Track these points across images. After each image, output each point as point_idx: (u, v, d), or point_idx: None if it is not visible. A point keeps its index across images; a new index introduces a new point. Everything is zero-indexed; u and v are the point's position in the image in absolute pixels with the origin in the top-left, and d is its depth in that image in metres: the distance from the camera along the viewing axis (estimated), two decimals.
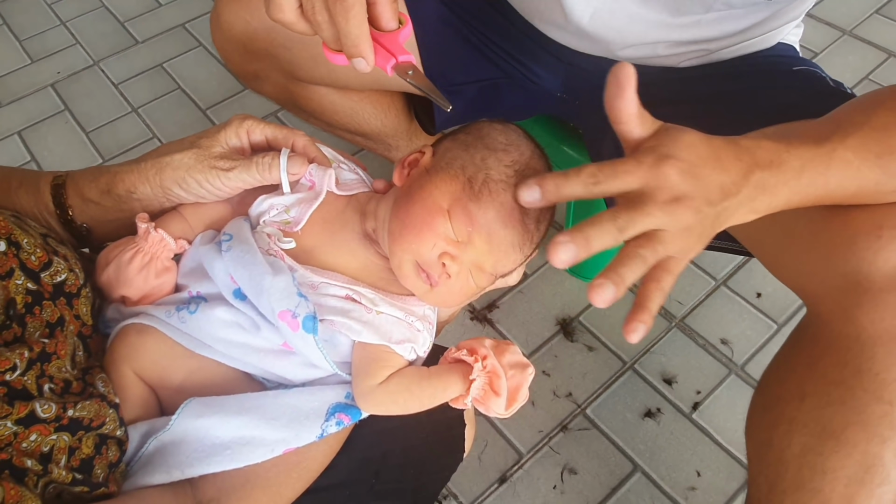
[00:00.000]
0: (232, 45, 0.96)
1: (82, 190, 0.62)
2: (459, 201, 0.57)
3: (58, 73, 1.75)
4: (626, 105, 0.49)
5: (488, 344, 0.58)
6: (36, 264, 0.53)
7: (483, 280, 0.60)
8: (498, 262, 0.58)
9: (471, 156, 0.59)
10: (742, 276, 1.32)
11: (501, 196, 0.57)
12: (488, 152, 0.59)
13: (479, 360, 0.57)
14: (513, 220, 0.57)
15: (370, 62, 0.53)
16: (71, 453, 0.48)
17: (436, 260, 0.57)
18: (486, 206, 0.56)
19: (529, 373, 0.57)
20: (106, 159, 1.56)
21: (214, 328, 0.57)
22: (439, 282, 0.57)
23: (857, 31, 1.74)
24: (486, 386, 0.57)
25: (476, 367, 0.56)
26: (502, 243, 0.57)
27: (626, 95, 0.49)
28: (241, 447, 0.53)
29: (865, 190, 0.56)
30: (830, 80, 0.82)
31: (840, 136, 0.55)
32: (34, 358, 0.48)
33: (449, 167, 0.59)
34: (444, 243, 0.57)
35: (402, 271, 0.59)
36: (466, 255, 0.57)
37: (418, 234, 0.57)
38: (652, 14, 0.81)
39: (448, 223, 0.57)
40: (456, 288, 0.59)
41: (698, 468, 1.10)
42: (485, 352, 0.57)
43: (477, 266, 0.58)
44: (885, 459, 0.59)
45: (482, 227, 0.56)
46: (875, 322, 0.57)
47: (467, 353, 0.58)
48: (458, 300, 0.61)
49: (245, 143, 0.63)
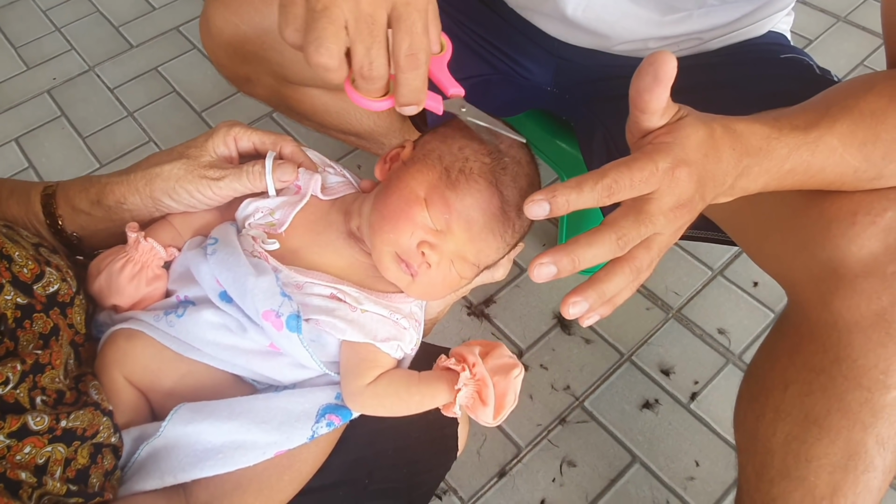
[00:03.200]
0: (222, 49, 0.96)
1: (72, 200, 0.62)
2: (436, 189, 0.57)
3: (53, 78, 1.76)
4: (656, 99, 0.46)
5: (477, 351, 0.58)
6: (28, 276, 0.54)
7: (466, 270, 0.59)
8: (480, 251, 0.58)
9: (448, 146, 0.59)
10: (738, 265, 1.33)
11: (478, 183, 0.57)
12: (466, 142, 0.59)
13: (465, 369, 0.56)
14: (491, 207, 0.57)
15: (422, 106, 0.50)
16: (66, 464, 0.48)
17: (415, 249, 0.57)
18: (463, 193, 0.56)
19: (514, 376, 0.56)
20: (103, 164, 1.57)
21: (202, 331, 0.57)
22: (419, 271, 0.58)
23: (851, 18, 1.73)
24: (475, 394, 0.56)
25: (462, 376, 0.56)
26: (482, 231, 0.57)
27: (659, 90, 0.45)
28: (232, 451, 0.53)
29: (844, 177, 0.57)
30: (817, 67, 0.82)
31: (829, 121, 0.55)
32: (27, 370, 0.49)
33: (426, 158, 0.59)
34: (423, 232, 0.57)
35: (383, 263, 0.59)
36: (446, 245, 0.57)
37: (396, 223, 0.57)
38: (643, 11, 0.81)
39: (425, 212, 0.57)
40: (438, 279, 0.59)
41: (697, 458, 1.11)
42: (473, 359, 0.57)
43: (459, 255, 0.58)
44: (867, 446, 0.59)
45: (460, 215, 0.56)
46: (851, 308, 0.57)
47: (455, 361, 0.58)
48: (442, 292, 0.62)
49: (233, 151, 0.64)
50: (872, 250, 0.56)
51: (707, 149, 0.48)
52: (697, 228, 0.85)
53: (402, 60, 0.46)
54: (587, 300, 0.47)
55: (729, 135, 0.51)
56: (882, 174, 0.56)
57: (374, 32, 0.45)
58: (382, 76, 0.47)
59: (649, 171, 0.46)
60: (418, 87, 0.47)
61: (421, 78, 0.47)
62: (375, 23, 0.45)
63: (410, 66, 0.46)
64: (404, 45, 0.46)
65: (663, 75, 0.44)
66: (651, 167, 0.46)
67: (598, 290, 0.47)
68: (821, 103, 0.58)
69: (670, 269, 1.33)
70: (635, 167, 0.46)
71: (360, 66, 0.46)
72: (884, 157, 0.56)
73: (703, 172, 0.48)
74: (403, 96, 0.48)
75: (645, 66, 0.45)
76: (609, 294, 0.47)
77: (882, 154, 0.55)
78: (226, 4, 0.91)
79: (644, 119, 0.48)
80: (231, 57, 0.96)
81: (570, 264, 0.46)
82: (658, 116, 0.48)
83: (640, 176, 0.45)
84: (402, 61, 0.46)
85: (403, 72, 0.47)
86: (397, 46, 0.46)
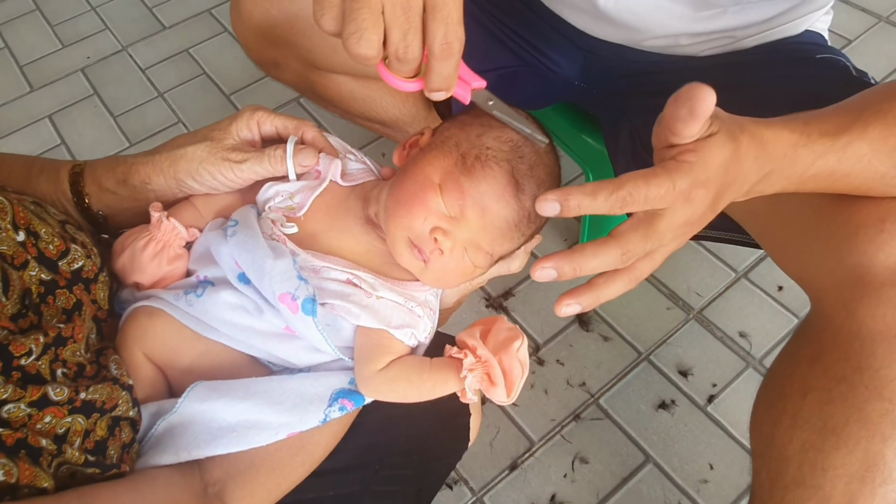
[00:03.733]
0: (251, 32, 0.97)
1: (99, 179, 0.63)
2: (451, 175, 0.57)
3: (88, 57, 1.79)
4: (689, 129, 0.45)
5: (478, 333, 0.57)
6: (54, 253, 0.55)
7: (480, 259, 0.59)
8: (494, 239, 0.58)
9: (466, 134, 0.59)
10: (763, 268, 1.30)
11: (494, 170, 0.56)
12: (483, 129, 0.58)
13: (468, 355, 0.56)
14: (506, 195, 0.56)
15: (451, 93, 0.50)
16: (86, 435, 0.50)
17: (427, 235, 0.57)
18: (478, 179, 0.56)
19: (516, 349, 0.55)
20: (133, 143, 1.60)
21: (220, 311, 0.58)
22: (431, 258, 0.57)
23: (893, 18, 1.68)
24: (484, 377, 0.56)
25: (466, 362, 0.56)
26: (496, 219, 0.57)
27: (693, 123, 0.44)
28: (246, 430, 0.54)
29: (871, 182, 0.56)
30: (854, 69, 0.80)
31: (861, 126, 0.54)
32: (49, 342, 0.50)
33: (443, 144, 0.59)
34: (436, 218, 0.57)
35: (397, 248, 0.59)
36: (460, 232, 0.57)
37: (410, 208, 0.57)
38: (676, 6, 0.80)
39: (439, 198, 0.57)
40: (451, 266, 0.58)
41: (711, 461, 1.10)
42: (473, 343, 0.56)
43: (472, 243, 0.58)
44: (886, 458, 0.58)
45: (474, 201, 0.56)
46: (876, 318, 0.56)
47: (458, 349, 0.58)
48: (456, 280, 0.61)
49: (256, 135, 0.64)
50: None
51: (728, 166, 0.48)
52: (722, 230, 0.84)
53: (438, 49, 0.46)
54: (581, 304, 0.48)
55: (755, 145, 0.50)
56: None
57: (411, 17, 0.45)
58: (416, 59, 0.47)
59: (666, 188, 0.45)
60: (450, 74, 0.48)
61: (454, 66, 0.47)
62: (412, 8, 0.45)
63: (445, 55, 0.47)
64: (439, 34, 0.46)
65: (700, 112, 0.43)
66: (668, 185, 0.45)
67: (594, 295, 0.49)
68: (855, 106, 0.57)
69: (693, 270, 1.32)
70: (653, 183, 0.45)
71: (395, 49, 0.46)
72: None
73: (720, 189, 0.48)
74: (434, 83, 0.49)
75: (683, 96, 0.43)
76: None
77: None
78: None
79: (672, 140, 0.47)
80: (260, 41, 0.97)
81: (572, 272, 0.47)
82: (686, 142, 0.47)
83: (657, 192, 0.45)
84: (437, 49, 0.46)
85: (438, 60, 0.47)
86: (432, 35, 0.46)
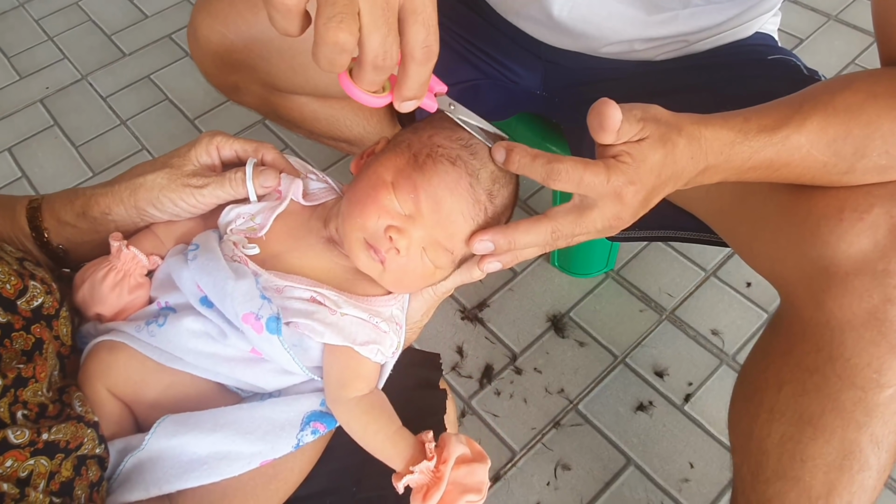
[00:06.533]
0: (210, 58, 0.96)
1: (58, 213, 0.62)
2: (403, 172, 0.57)
3: (46, 88, 1.77)
4: (603, 139, 0.51)
5: (461, 451, 0.54)
6: (11, 292, 0.54)
7: (440, 258, 0.58)
8: (452, 235, 0.57)
9: (418, 136, 0.59)
10: (731, 266, 1.33)
11: (446, 165, 0.56)
12: (435, 130, 0.59)
13: (433, 458, 0.53)
14: (459, 188, 0.56)
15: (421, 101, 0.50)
16: (50, 478, 0.48)
17: (382, 234, 0.56)
18: (430, 173, 0.56)
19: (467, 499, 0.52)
20: (96, 172, 1.57)
21: (183, 339, 0.57)
22: (388, 257, 0.57)
23: (842, 16, 1.73)
24: (423, 489, 0.53)
25: (423, 464, 0.53)
26: (451, 213, 0.56)
27: (605, 134, 0.50)
28: (217, 462, 0.53)
29: (813, 171, 0.58)
30: (805, 68, 0.82)
31: (800, 118, 0.56)
32: (8, 384, 0.48)
33: (396, 147, 0.60)
34: (390, 217, 0.56)
35: (353, 251, 0.58)
36: (415, 230, 0.57)
37: (363, 208, 0.57)
38: (629, 11, 0.81)
39: (392, 195, 0.57)
40: (410, 266, 0.58)
41: (691, 460, 1.11)
42: (446, 456, 0.53)
43: (431, 241, 0.57)
44: (862, 445, 0.59)
45: (427, 195, 0.56)
46: (844, 307, 0.58)
47: (436, 446, 0.54)
48: (417, 283, 0.61)
49: (216, 160, 0.64)
50: (862, 248, 0.57)
51: (661, 168, 0.52)
52: (689, 230, 0.85)
53: (419, 52, 0.45)
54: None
55: (692, 145, 0.53)
56: (854, 168, 0.57)
57: (391, 21, 0.43)
58: (393, 66, 0.45)
59: (600, 181, 0.50)
60: (425, 80, 0.47)
61: (429, 72, 0.46)
62: (391, 11, 0.43)
63: (426, 59, 0.45)
64: (420, 38, 0.44)
65: (609, 126, 0.50)
66: (603, 178, 0.50)
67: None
68: (797, 100, 0.59)
69: (663, 271, 1.33)
70: (590, 171, 0.50)
71: (374, 56, 0.43)
72: (855, 153, 0.56)
73: (652, 189, 0.52)
74: (410, 90, 0.47)
75: (593, 112, 0.50)
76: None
77: (853, 149, 0.56)
78: (212, 14, 0.91)
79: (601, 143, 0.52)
80: (219, 66, 0.97)
81: (506, 245, 0.53)
82: (613, 140, 0.51)
83: (590, 180, 0.50)
84: (418, 54, 0.45)
85: (418, 64, 0.45)
86: (413, 39, 0.44)
